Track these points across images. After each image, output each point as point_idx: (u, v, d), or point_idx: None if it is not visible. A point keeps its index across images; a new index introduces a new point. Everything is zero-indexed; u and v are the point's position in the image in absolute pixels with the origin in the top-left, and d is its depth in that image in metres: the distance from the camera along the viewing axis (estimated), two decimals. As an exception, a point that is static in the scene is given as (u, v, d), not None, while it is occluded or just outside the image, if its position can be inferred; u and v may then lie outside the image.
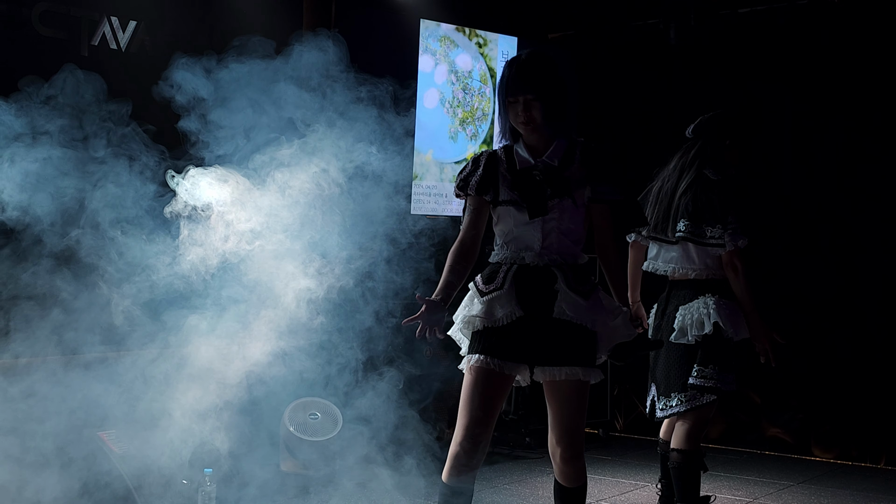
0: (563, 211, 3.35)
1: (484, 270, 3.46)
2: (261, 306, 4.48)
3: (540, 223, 3.35)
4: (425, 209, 6.50)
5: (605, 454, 6.52)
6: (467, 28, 6.78)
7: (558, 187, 3.35)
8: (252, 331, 4.55)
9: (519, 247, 3.38)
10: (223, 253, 4.35)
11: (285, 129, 4.55)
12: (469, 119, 6.84)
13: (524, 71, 3.35)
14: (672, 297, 4.40)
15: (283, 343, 4.62)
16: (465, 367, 3.40)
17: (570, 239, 3.39)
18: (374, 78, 4.64)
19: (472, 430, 3.31)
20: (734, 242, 4.25)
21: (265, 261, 4.46)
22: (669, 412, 4.33)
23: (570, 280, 3.34)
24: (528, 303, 3.33)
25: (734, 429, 6.87)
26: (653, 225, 4.41)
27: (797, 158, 6.69)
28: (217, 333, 4.57)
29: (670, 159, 4.48)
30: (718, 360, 4.24)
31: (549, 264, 3.36)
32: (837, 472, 6.24)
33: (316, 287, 4.58)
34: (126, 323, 4.57)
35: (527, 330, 3.32)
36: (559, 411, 3.37)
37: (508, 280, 3.36)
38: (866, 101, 6.43)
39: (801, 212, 6.66)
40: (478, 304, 3.38)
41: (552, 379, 3.34)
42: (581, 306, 3.32)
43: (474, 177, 3.44)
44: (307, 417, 5.55)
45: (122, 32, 5.27)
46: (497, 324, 3.34)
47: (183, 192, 4.21)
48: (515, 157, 3.42)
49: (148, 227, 4.37)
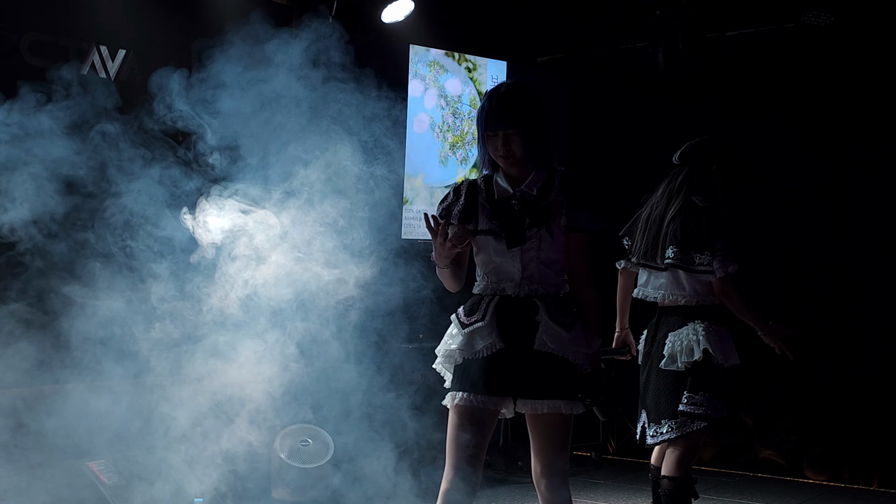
0: (541, 240, 3.34)
1: (466, 303, 3.44)
2: (244, 338, 4.47)
3: (519, 253, 3.34)
4: (416, 234, 6.50)
5: (597, 478, 6.51)
6: (457, 53, 6.80)
7: (536, 216, 3.34)
8: (240, 359, 4.55)
9: (499, 277, 3.37)
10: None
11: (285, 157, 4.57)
12: (459, 143, 6.85)
13: (504, 105, 3.34)
14: (662, 324, 4.40)
15: (270, 370, 4.62)
16: (448, 404, 3.38)
17: (552, 269, 3.37)
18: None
19: (461, 467, 3.30)
20: (724, 269, 4.25)
21: (256, 289, 4.46)
22: (660, 439, 4.32)
23: (552, 311, 3.33)
24: (510, 335, 3.32)
25: (727, 451, 6.86)
26: (642, 252, 4.41)
27: (786, 183, 6.70)
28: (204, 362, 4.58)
29: (658, 185, 4.49)
30: (708, 387, 4.24)
31: (530, 294, 3.34)
32: (830, 494, 6.23)
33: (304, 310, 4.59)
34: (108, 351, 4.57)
35: (508, 362, 3.30)
36: (542, 444, 3.36)
37: (490, 312, 3.35)
38: (855, 124, 6.44)
39: (791, 236, 6.67)
40: (458, 337, 3.37)
41: (534, 412, 3.33)
42: (563, 338, 3.31)
43: (456, 206, 3.43)
44: (298, 444, 5.53)
45: (112, 61, 5.28)
46: (477, 356, 3.32)
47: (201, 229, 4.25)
48: (495, 186, 3.41)
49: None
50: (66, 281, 4.36)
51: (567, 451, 3.40)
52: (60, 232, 4.36)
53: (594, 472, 6.65)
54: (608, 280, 4.70)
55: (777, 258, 6.62)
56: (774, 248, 6.62)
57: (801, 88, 6.62)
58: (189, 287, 4.38)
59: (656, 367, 4.34)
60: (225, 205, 4.36)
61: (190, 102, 4.42)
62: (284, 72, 4.60)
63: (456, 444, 3.31)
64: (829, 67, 6.50)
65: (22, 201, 4.19)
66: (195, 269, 4.42)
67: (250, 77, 4.53)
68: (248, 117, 4.50)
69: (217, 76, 4.48)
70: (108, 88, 4.56)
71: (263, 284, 4.50)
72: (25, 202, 4.19)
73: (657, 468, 4.48)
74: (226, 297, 4.42)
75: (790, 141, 6.69)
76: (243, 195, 4.41)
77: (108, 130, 4.41)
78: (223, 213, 4.33)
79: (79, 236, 4.39)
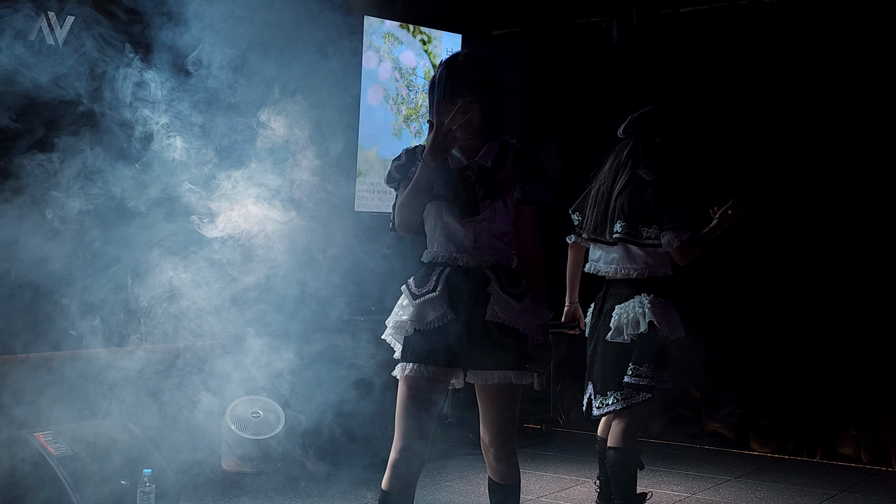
0: (494, 212, 3.34)
1: (417, 273, 3.44)
2: (196, 308, 4.46)
3: (472, 224, 3.33)
4: (369, 206, 6.50)
5: (546, 450, 6.58)
6: (411, 25, 6.78)
7: (490, 188, 3.34)
8: (194, 330, 4.54)
9: (451, 248, 3.36)
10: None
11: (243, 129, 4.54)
12: (413, 116, 6.84)
13: (463, 74, 3.31)
14: (609, 297, 4.45)
15: (224, 342, 4.62)
16: (398, 375, 3.38)
17: (502, 241, 3.38)
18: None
19: (411, 438, 3.31)
20: (679, 239, 4.29)
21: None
22: (606, 410, 4.38)
23: (504, 282, 3.34)
24: (461, 305, 3.32)
25: (674, 424, 6.96)
26: (592, 227, 4.44)
27: (736, 155, 6.78)
28: (158, 333, 4.56)
29: (605, 160, 4.52)
30: (653, 359, 4.29)
31: (481, 265, 3.35)
32: (774, 466, 6.35)
33: (255, 283, 4.59)
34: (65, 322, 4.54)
35: (459, 333, 3.31)
36: (492, 413, 3.38)
37: (441, 283, 3.34)
38: (804, 98, 6.53)
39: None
40: (409, 308, 3.36)
41: (485, 383, 3.35)
42: (514, 309, 3.32)
43: (412, 168, 3.38)
44: (249, 415, 5.52)
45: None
46: (428, 326, 3.33)
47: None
48: (448, 156, 3.38)
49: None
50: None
51: (516, 421, 3.43)
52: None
53: (544, 445, 6.72)
54: (558, 254, 4.74)
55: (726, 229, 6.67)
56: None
57: (752, 64, 6.70)
58: (134, 255, 4.36)
59: (603, 339, 4.39)
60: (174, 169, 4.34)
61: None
62: (238, 42, 4.57)
63: (405, 415, 3.32)
64: (781, 44, 6.58)
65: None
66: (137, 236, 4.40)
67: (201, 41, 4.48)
68: (194, 85, 4.45)
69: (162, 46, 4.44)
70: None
71: (212, 254, 4.49)
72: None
73: (603, 440, 4.54)
74: (175, 268, 4.40)
75: (741, 115, 6.77)
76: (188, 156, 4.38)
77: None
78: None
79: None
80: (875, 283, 6.30)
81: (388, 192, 6.59)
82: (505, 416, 3.37)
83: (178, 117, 4.40)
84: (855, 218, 6.37)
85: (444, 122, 3.23)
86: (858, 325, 6.32)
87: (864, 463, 6.33)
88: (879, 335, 6.26)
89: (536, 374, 3.37)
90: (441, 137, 3.24)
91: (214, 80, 4.49)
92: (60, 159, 4.24)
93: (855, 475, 6.11)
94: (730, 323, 6.71)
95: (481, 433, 3.44)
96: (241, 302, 4.69)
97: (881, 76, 6.30)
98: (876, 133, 6.35)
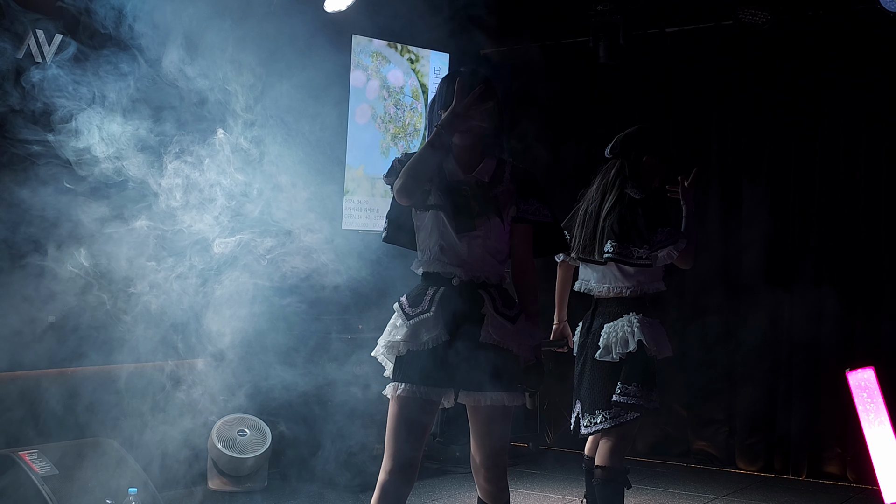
0: (490, 229, 3.34)
1: (410, 292, 3.42)
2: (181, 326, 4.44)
3: (466, 240, 3.33)
4: (356, 224, 6.50)
5: (534, 468, 6.57)
6: (399, 44, 6.80)
7: (487, 205, 3.35)
8: (178, 347, 4.52)
9: (444, 259, 3.34)
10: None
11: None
12: (401, 134, 6.86)
13: (466, 86, 3.30)
14: (597, 315, 4.45)
15: (207, 360, 4.60)
16: (389, 394, 3.36)
17: (496, 258, 3.37)
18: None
19: (400, 458, 3.29)
20: (677, 250, 4.31)
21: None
22: (594, 429, 4.37)
23: (498, 304, 3.33)
24: (455, 327, 3.30)
25: (661, 442, 6.97)
26: (581, 247, 4.44)
27: (722, 175, 6.82)
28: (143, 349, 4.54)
29: (592, 180, 4.53)
30: (642, 378, 4.29)
31: (473, 282, 3.33)
32: (761, 484, 6.36)
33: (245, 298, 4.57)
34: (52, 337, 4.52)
35: (452, 354, 3.30)
36: (483, 434, 3.38)
37: (435, 303, 3.32)
38: (789, 117, 6.58)
39: (727, 225, 6.79)
40: (403, 328, 3.35)
41: (476, 403, 3.34)
42: (508, 330, 3.32)
43: None
44: (235, 434, 5.51)
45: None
46: (422, 347, 3.31)
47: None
48: (445, 169, 3.38)
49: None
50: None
51: (507, 441, 3.42)
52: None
53: (531, 463, 6.71)
54: (547, 272, 4.75)
55: (713, 245, 6.70)
56: (710, 235, 6.72)
57: (738, 84, 6.75)
58: (116, 269, 4.33)
59: (591, 357, 4.39)
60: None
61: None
62: (226, 60, 4.57)
63: (395, 434, 3.31)
64: (765, 64, 6.63)
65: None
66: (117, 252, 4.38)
67: (188, 60, 4.48)
68: (185, 107, 4.45)
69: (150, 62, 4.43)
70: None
71: (200, 274, 4.48)
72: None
73: (591, 458, 4.53)
74: (159, 285, 4.38)
75: (726, 135, 6.81)
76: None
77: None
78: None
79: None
80: (862, 303, 6.33)
81: (376, 211, 6.62)
82: (496, 436, 3.37)
83: (162, 136, 4.39)
84: (839, 238, 6.41)
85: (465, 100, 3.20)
86: (846, 343, 6.34)
87: (850, 482, 6.34)
88: (866, 354, 6.27)
89: (529, 394, 3.36)
90: (462, 108, 3.23)
91: (198, 98, 4.49)
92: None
93: (841, 494, 6.13)
94: (716, 342, 6.72)
95: (472, 453, 3.43)
96: (228, 319, 4.68)
97: (867, 98, 6.35)
98: (861, 153, 6.40)
